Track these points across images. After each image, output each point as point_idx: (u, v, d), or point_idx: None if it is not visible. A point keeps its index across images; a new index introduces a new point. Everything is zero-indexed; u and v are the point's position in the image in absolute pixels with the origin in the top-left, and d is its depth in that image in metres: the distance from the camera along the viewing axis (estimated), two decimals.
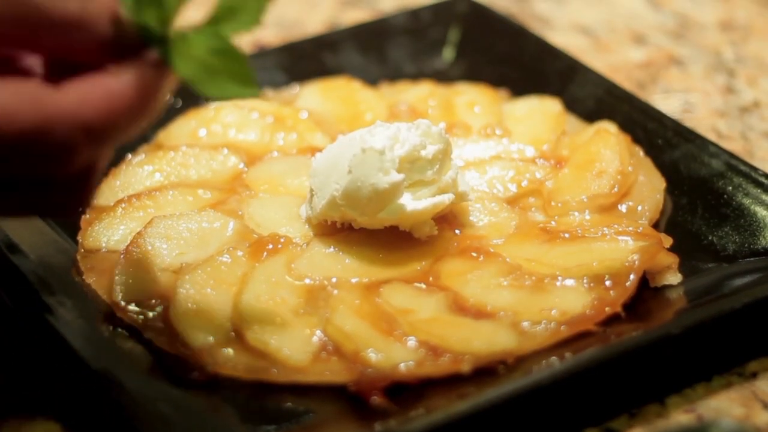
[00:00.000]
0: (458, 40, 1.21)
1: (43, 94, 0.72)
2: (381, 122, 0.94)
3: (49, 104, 0.72)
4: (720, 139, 1.12)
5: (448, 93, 1.12)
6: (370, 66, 1.18)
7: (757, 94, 1.20)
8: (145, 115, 0.74)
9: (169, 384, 0.84)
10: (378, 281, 0.90)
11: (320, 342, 0.85)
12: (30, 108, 0.72)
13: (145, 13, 0.73)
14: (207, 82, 0.74)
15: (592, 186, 0.98)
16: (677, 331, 0.85)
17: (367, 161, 0.90)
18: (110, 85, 0.73)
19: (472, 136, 1.05)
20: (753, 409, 0.85)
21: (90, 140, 0.72)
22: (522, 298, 0.88)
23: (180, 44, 0.73)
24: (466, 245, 0.93)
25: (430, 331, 0.85)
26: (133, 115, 0.73)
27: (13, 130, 0.71)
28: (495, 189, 0.99)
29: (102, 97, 0.73)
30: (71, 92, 0.72)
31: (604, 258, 0.90)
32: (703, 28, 1.31)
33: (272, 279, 0.89)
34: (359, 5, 1.36)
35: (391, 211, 0.91)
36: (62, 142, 0.72)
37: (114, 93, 0.73)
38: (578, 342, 0.85)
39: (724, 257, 0.94)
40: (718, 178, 0.99)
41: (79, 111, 0.72)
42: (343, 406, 0.82)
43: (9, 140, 0.71)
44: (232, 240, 0.94)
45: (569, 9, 1.35)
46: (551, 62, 1.15)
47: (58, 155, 0.72)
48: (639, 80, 1.22)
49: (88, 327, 0.87)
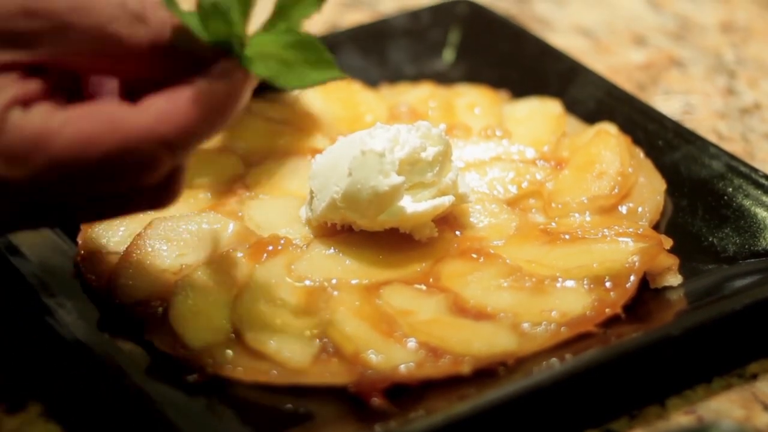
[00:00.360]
0: (458, 42, 1.21)
1: (122, 115, 0.74)
2: (381, 124, 0.94)
3: (128, 125, 0.74)
4: (720, 141, 1.12)
5: (448, 94, 1.12)
6: (371, 67, 1.18)
7: (757, 95, 1.20)
8: (223, 119, 0.76)
9: (169, 385, 0.83)
10: (378, 282, 0.90)
11: (320, 343, 0.85)
12: (110, 130, 0.73)
13: (214, 28, 0.73)
14: (287, 75, 0.75)
15: (592, 187, 0.98)
16: (677, 333, 0.85)
17: (367, 164, 0.90)
18: (186, 98, 0.74)
19: (472, 137, 1.05)
20: (753, 410, 0.85)
21: (171, 152, 0.75)
22: (522, 300, 0.88)
23: (253, 47, 0.74)
24: (466, 246, 0.93)
25: (431, 332, 0.85)
26: (211, 122, 0.75)
27: (95, 154, 0.73)
28: (495, 190, 0.99)
29: (179, 111, 0.74)
30: (149, 110, 0.74)
31: (605, 259, 0.90)
32: (703, 29, 1.31)
33: (272, 280, 0.89)
34: (359, 7, 1.36)
35: (392, 214, 0.91)
36: (144, 160, 0.74)
37: (190, 105, 0.74)
38: (578, 343, 0.85)
39: (725, 259, 0.94)
40: (718, 180, 0.99)
41: (158, 127, 0.74)
42: (343, 408, 0.82)
43: (93, 164, 0.73)
44: (232, 241, 0.94)
45: (569, 10, 1.35)
46: (551, 64, 1.15)
47: (141, 171, 0.75)
48: (639, 82, 1.22)
49: (87, 328, 0.87)
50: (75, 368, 0.85)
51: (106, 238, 0.94)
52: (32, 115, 0.74)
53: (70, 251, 0.94)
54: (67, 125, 0.74)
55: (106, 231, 0.95)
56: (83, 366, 0.84)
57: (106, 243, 0.94)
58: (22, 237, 0.92)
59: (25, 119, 0.74)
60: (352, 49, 1.19)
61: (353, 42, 1.20)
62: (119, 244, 0.93)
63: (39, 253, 0.92)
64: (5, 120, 0.73)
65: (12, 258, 0.90)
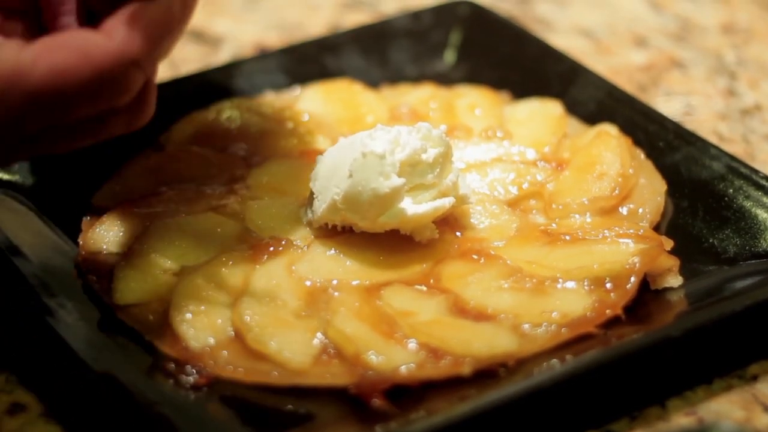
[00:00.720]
0: (459, 43, 1.21)
1: (91, 42, 0.77)
2: (382, 125, 0.94)
3: (98, 52, 0.77)
4: (721, 142, 1.12)
5: (449, 95, 1.12)
6: (372, 68, 1.18)
7: (758, 97, 1.20)
8: (181, 30, 0.80)
9: (169, 386, 0.84)
10: (379, 283, 0.90)
11: (321, 344, 0.85)
12: (81, 59, 0.76)
13: None
14: None
15: (593, 188, 0.98)
16: (678, 334, 0.85)
17: (368, 165, 0.90)
18: (147, 18, 0.78)
19: (473, 138, 1.05)
20: (753, 411, 0.85)
21: (141, 69, 0.78)
22: (523, 301, 0.88)
23: None
24: (466, 247, 0.93)
25: (431, 333, 0.85)
26: (172, 35, 0.79)
27: (71, 83, 0.76)
28: (496, 191, 0.99)
29: (143, 32, 0.77)
30: (115, 35, 0.78)
31: (605, 260, 0.90)
32: (704, 31, 1.31)
33: (273, 281, 0.89)
34: (360, 8, 1.36)
35: (392, 216, 0.91)
36: (117, 82, 0.77)
37: (152, 24, 0.78)
38: (579, 344, 0.85)
39: (725, 260, 0.94)
40: (719, 181, 0.99)
41: (127, 49, 0.77)
42: (343, 409, 0.82)
43: (69, 93, 0.76)
44: (232, 242, 0.94)
45: (570, 12, 1.35)
46: (552, 65, 1.15)
47: (116, 93, 0.78)
48: (640, 83, 1.22)
49: (88, 329, 0.87)
50: (75, 369, 0.85)
51: (107, 239, 0.94)
52: (2, 52, 0.76)
53: (71, 252, 0.94)
54: (40, 59, 0.76)
55: (107, 232, 0.95)
56: (84, 367, 0.84)
57: (107, 243, 0.94)
58: (23, 237, 0.92)
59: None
60: (353, 49, 1.19)
61: (354, 42, 1.20)
62: (120, 245, 0.93)
63: (40, 253, 0.92)
64: None
65: (13, 258, 0.90)
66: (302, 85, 1.14)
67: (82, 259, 0.93)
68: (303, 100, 1.12)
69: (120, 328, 0.88)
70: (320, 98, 1.11)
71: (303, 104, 1.11)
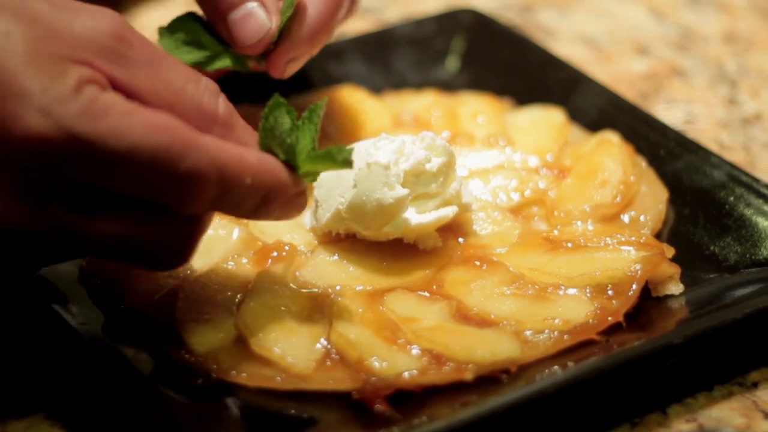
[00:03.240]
0: (462, 50, 1.21)
1: (189, 129, 0.78)
2: (386, 134, 0.94)
3: (192, 135, 0.77)
4: (722, 151, 1.12)
5: (452, 102, 1.12)
6: (375, 75, 1.19)
7: (759, 105, 1.20)
8: (260, 194, 0.81)
9: (173, 391, 0.84)
10: (382, 289, 0.90)
11: (324, 350, 0.85)
12: (177, 130, 0.77)
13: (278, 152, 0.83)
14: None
15: (595, 196, 0.98)
16: (679, 341, 0.85)
17: (372, 176, 0.90)
18: (245, 152, 0.80)
19: (475, 145, 1.06)
20: (754, 419, 0.86)
21: (219, 183, 0.78)
22: (525, 307, 0.88)
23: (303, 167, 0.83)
24: (469, 254, 0.94)
25: (434, 339, 0.85)
26: (253, 188, 0.80)
27: (156, 144, 0.76)
28: (498, 198, 1.00)
29: (237, 155, 0.79)
30: (211, 139, 0.78)
31: (607, 267, 0.90)
32: (705, 39, 1.32)
33: (276, 286, 0.90)
34: (364, 15, 1.36)
35: (396, 225, 0.91)
36: (196, 171, 0.77)
37: (247, 159, 0.79)
38: (581, 351, 0.85)
39: (726, 268, 0.95)
40: (720, 189, 1.00)
41: (217, 152, 0.78)
42: (346, 414, 0.82)
43: (149, 153, 0.75)
44: (236, 247, 0.94)
45: (573, 20, 1.36)
46: (555, 73, 1.16)
47: (188, 185, 0.77)
48: (642, 91, 1.23)
49: (93, 333, 0.87)
50: (81, 373, 0.85)
51: None
52: (107, 94, 0.76)
53: None
54: (138, 112, 0.76)
55: None
56: (89, 370, 0.85)
57: None
58: None
59: (101, 94, 0.76)
60: (356, 56, 1.20)
61: (358, 50, 1.20)
62: None
63: None
64: (81, 90, 0.75)
65: None
66: (306, 92, 1.15)
67: (87, 263, 0.93)
68: (306, 106, 1.12)
69: (124, 333, 0.88)
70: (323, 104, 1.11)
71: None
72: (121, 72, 0.78)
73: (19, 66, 0.75)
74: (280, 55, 0.96)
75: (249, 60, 0.96)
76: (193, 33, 0.95)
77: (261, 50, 0.95)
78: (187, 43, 0.95)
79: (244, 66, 0.96)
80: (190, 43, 0.95)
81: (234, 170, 0.78)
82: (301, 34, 0.95)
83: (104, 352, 0.86)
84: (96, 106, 0.75)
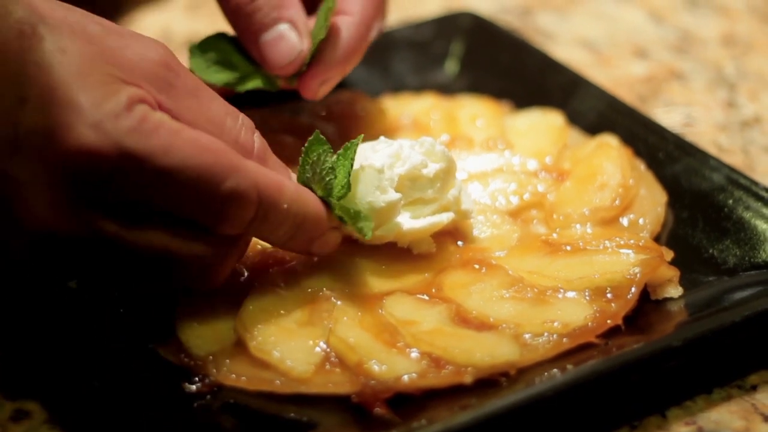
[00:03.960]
0: (461, 54, 1.21)
1: (233, 152, 0.81)
2: (384, 138, 0.94)
3: (236, 157, 0.80)
4: (721, 153, 1.13)
5: (451, 106, 1.12)
6: (374, 79, 1.19)
7: (757, 108, 1.21)
8: (294, 229, 0.85)
9: (172, 394, 0.84)
10: (381, 293, 0.90)
11: (323, 353, 0.85)
12: (222, 151, 0.80)
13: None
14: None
15: (593, 199, 0.98)
16: (678, 344, 0.85)
17: (366, 178, 0.90)
18: (285, 180, 0.84)
19: (474, 148, 1.06)
20: (753, 422, 0.86)
21: (257, 205, 0.81)
22: (524, 310, 0.88)
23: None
24: (468, 257, 0.94)
25: (433, 342, 0.85)
26: (290, 214, 0.83)
27: (202, 163, 0.78)
28: (497, 201, 1.00)
29: (277, 181, 0.82)
30: (253, 164, 0.82)
31: (606, 271, 0.90)
32: (704, 42, 1.32)
33: (275, 290, 0.90)
34: None
35: (388, 230, 0.91)
36: (237, 192, 0.80)
37: (286, 186, 0.83)
38: (580, 354, 0.86)
39: (725, 270, 0.95)
40: (718, 192, 1.00)
41: (258, 176, 0.81)
42: (346, 417, 0.82)
43: (194, 172, 0.78)
44: None
45: (572, 23, 1.36)
46: (554, 76, 1.16)
47: (228, 204, 0.80)
48: (640, 94, 1.23)
49: (92, 337, 0.87)
50: (79, 376, 0.85)
51: None
52: (157, 113, 0.79)
53: None
54: (185, 131, 0.79)
55: None
56: (88, 374, 0.85)
57: None
58: None
59: (151, 113, 0.78)
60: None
61: None
62: None
63: None
64: (132, 108, 0.78)
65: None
66: None
67: None
68: (304, 109, 1.12)
69: (123, 336, 0.88)
70: (322, 108, 1.11)
71: (304, 114, 1.11)
72: (167, 99, 0.80)
73: (73, 81, 0.77)
74: (313, 77, 0.97)
75: (279, 80, 0.97)
76: (224, 53, 0.96)
77: (292, 72, 0.96)
78: (218, 62, 0.96)
79: (274, 86, 0.97)
80: (221, 62, 0.96)
81: (273, 194, 0.81)
82: (335, 56, 0.97)
83: (103, 355, 0.86)
84: (146, 124, 0.77)
